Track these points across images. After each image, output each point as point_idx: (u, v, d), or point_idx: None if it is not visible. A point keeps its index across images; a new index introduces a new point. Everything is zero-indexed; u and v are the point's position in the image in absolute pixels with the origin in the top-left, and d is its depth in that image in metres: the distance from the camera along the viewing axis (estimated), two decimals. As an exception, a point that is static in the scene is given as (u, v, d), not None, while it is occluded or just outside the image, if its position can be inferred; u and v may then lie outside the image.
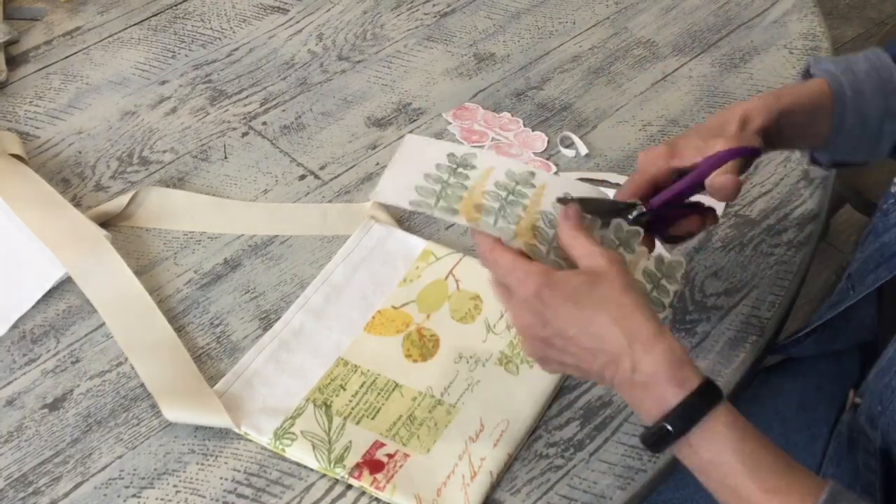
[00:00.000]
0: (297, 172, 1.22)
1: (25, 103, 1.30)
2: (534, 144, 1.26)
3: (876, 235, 0.94)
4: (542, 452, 0.97)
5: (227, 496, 0.94)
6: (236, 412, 0.98)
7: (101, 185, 1.20)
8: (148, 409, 1.00)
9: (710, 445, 0.78)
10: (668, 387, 0.78)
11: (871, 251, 0.94)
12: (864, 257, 0.95)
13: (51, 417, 0.99)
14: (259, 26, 1.41)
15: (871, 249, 0.94)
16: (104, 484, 0.94)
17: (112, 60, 1.36)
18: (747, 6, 1.45)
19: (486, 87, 1.33)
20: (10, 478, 0.95)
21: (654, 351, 0.78)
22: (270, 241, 1.15)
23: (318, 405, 0.98)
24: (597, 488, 0.95)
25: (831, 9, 2.82)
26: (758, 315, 1.09)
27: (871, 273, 0.93)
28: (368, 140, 1.26)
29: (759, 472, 0.77)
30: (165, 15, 1.42)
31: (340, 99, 1.31)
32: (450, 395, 1.00)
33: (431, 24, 1.42)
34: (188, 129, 1.27)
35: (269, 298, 1.09)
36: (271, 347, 1.03)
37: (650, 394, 0.79)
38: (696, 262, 1.13)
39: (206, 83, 1.33)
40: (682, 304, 1.09)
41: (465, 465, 0.94)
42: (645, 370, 0.78)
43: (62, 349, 1.04)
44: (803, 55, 1.38)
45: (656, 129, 1.28)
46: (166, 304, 1.08)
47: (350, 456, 0.95)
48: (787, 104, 0.95)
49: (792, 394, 1.11)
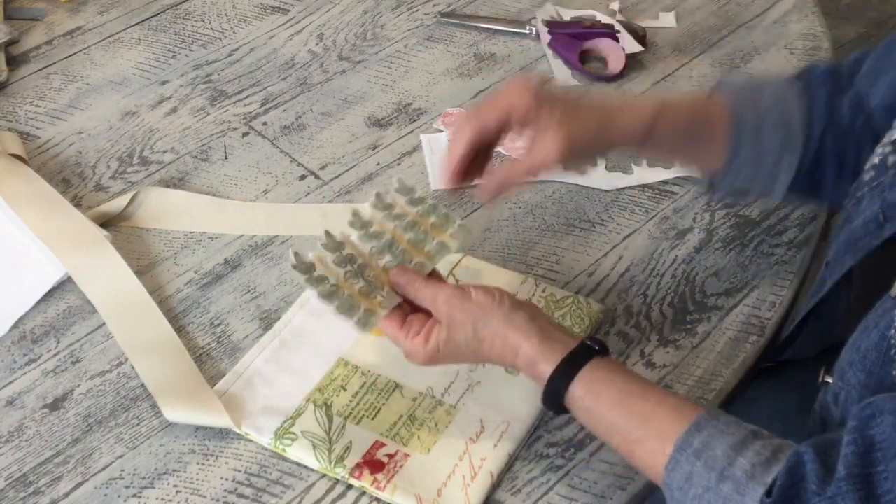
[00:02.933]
0: (297, 172, 1.22)
1: (26, 103, 1.30)
2: None
3: (848, 222, 0.94)
4: (543, 452, 0.97)
5: (228, 496, 0.94)
6: (237, 412, 0.98)
7: (101, 185, 1.20)
8: (148, 409, 1.00)
9: (578, 416, 0.89)
10: (535, 381, 0.90)
11: (843, 238, 0.95)
12: (838, 245, 0.96)
13: (51, 417, 0.99)
14: (259, 26, 1.41)
15: (843, 236, 0.94)
16: (104, 484, 0.94)
17: (112, 60, 1.36)
18: (747, 6, 1.45)
19: (487, 87, 1.33)
20: (10, 478, 0.95)
21: (519, 359, 0.91)
22: (271, 241, 1.15)
23: (319, 405, 0.98)
24: (597, 488, 0.95)
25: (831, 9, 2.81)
26: (758, 315, 1.09)
27: (841, 259, 0.94)
28: (369, 140, 1.26)
29: (618, 429, 0.87)
30: (166, 15, 1.42)
31: (341, 99, 1.31)
32: (450, 396, 1.00)
33: (431, 24, 1.42)
34: (188, 129, 1.27)
35: (270, 298, 1.09)
36: (272, 347, 1.03)
37: (538, 368, 0.90)
38: (697, 262, 1.13)
39: (206, 83, 1.33)
40: (682, 304, 1.09)
41: (466, 465, 0.94)
42: (521, 370, 0.92)
43: (62, 349, 1.04)
44: (804, 55, 1.38)
45: (656, 129, 1.28)
46: (167, 304, 1.08)
47: (350, 456, 0.95)
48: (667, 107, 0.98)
49: (792, 394, 1.11)
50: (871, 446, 0.73)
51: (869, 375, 0.82)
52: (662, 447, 0.83)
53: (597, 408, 0.87)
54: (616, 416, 0.87)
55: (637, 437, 0.85)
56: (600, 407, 0.87)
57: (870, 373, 0.82)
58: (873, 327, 0.83)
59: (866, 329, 0.85)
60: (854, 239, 0.91)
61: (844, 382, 0.86)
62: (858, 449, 0.73)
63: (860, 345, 0.85)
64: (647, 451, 0.85)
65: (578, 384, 0.88)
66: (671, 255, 1.14)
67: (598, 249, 1.14)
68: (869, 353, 0.83)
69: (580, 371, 0.88)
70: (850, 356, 0.86)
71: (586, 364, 0.89)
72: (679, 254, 1.14)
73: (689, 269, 1.13)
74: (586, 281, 1.11)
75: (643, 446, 0.85)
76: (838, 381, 0.87)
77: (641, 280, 1.11)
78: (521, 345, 0.90)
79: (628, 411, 0.87)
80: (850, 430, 0.74)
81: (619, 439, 0.87)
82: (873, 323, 0.84)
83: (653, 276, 1.12)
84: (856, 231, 0.91)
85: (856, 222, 0.92)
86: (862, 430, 0.74)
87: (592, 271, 1.12)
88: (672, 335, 1.07)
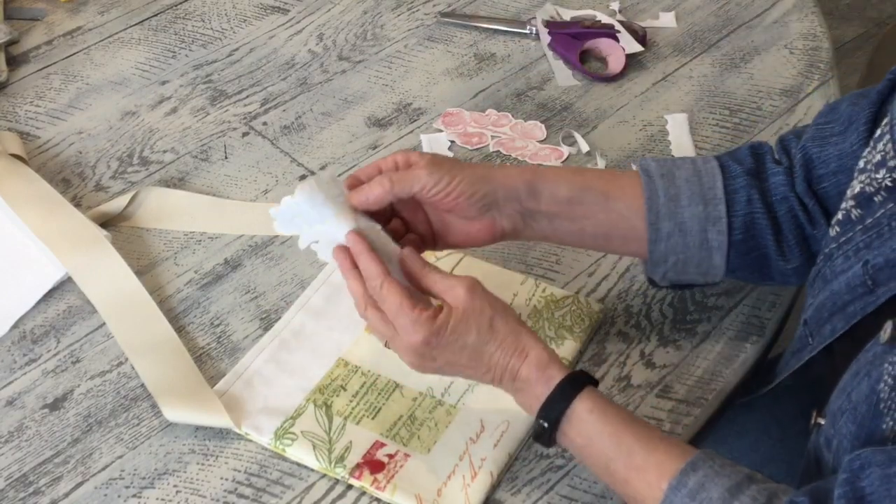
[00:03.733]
0: (297, 172, 1.22)
1: (26, 103, 1.30)
2: (534, 133, 1.26)
3: (824, 281, 0.92)
4: (543, 452, 0.97)
5: (228, 496, 0.94)
6: (237, 412, 0.98)
7: (101, 185, 1.20)
8: (148, 409, 1.00)
9: (580, 431, 0.87)
10: (538, 387, 0.89)
11: (822, 298, 0.93)
12: (817, 304, 0.94)
13: (51, 417, 0.99)
14: (259, 26, 1.41)
15: (823, 297, 0.93)
16: (105, 484, 0.94)
17: (112, 60, 1.36)
18: (747, 6, 1.45)
19: (487, 87, 1.33)
20: (10, 478, 0.95)
21: (527, 360, 0.89)
22: (271, 241, 1.15)
23: (319, 405, 0.98)
24: (597, 488, 0.95)
25: (831, 9, 2.82)
26: (758, 315, 1.09)
27: (826, 322, 0.92)
28: (369, 140, 1.26)
29: (622, 450, 0.86)
30: (166, 15, 1.42)
31: (341, 99, 1.31)
32: (450, 396, 1.00)
33: (431, 24, 1.42)
34: (188, 129, 1.27)
35: (270, 298, 1.09)
36: (272, 348, 1.03)
37: (528, 395, 0.90)
38: (697, 263, 1.13)
39: (206, 83, 1.33)
40: (682, 304, 1.09)
41: (466, 465, 0.94)
42: (521, 377, 0.89)
43: (62, 349, 1.04)
44: (804, 55, 1.38)
45: (656, 129, 1.28)
46: (167, 304, 1.08)
47: (350, 456, 0.95)
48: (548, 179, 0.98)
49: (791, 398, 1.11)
50: (862, 498, 0.74)
51: (860, 428, 0.82)
52: (658, 481, 0.83)
53: (605, 423, 0.87)
54: (624, 435, 0.86)
55: (638, 463, 0.85)
56: (609, 422, 0.87)
57: (860, 425, 0.82)
58: (864, 375, 0.83)
59: (857, 375, 0.84)
60: (840, 304, 0.90)
61: (836, 430, 0.85)
62: (849, 500, 0.75)
63: (850, 392, 0.84)
64: (644, 482, 0.84)
65: (590, 394, 0.88)
66: (671, 255, 1.14)
67: (598, 249, 1.14)
68: (859, 405, 0.82)
69: (591, 384, 0.89)
70: (840, 403, 0.85)
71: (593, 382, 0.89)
72: (679, 254, 1.14)
73: (689, 269, 1.13)
74: (586, 281, 1.11)
75: (642, 476, 0.85)
76: (830, 428, 0.86)
77: (641, 280, 1.11)
78: (533, 347, 0.89)
79: (636, 433, 0.86)
80: (842, 482, 0.76)
81: (620, 463, 0.86)
82: (864, 370, 0.83)
83: (653, 276, 1.12)
84: (840, 295, 0.90)
85: (836, 284, 0.90)
86: (853, 483, 0.75)
87: (592, 271, 1.12)
88: (672, 335, 1.07)
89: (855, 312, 0.88)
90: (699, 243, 0.99)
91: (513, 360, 0.89)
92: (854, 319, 0.88)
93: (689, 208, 0.98)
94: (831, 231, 0.93)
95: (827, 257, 0.92)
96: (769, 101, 1.32)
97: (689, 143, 1.26)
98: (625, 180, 1.00)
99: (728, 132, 1.28)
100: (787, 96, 1.32)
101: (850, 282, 0.89)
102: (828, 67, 1.36)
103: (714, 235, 0.99)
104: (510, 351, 0.89)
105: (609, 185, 0.99)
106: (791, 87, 1.34)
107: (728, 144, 1.26)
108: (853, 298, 0.88)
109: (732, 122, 1.29)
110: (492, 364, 0.90)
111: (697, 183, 0.99)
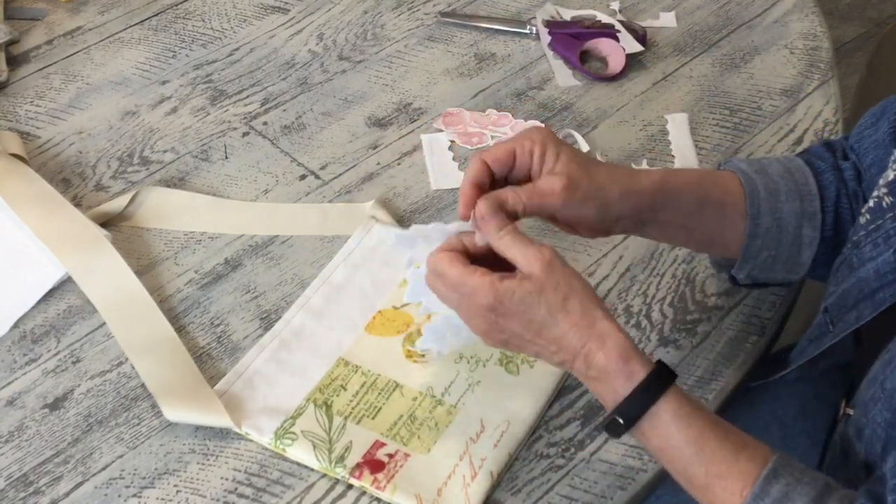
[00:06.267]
0: (297, 172, 1.22)
1: (26, 103, 1.30)
2: None
3: (850, 269, 0.92)
4: (543, 452, 0.97)
5: (228, 496, 0.94)
6: (237, 412, 0.98)
7: (101, 185, 1.20)
8: (148, 408, 1.00)
9: (658, 433, 0.84)
10: (617, 380, 0.84)
11: (847, 286, 0.92)
12: (841, 291, 0.93)
13: (51, 417, 0.99)
14: (259, 26, 1.41)
15: (848, 284, 0.93)
16: (105, 484, 0.94)
17: (112, 60, 1.36)
18: (748, 6, 1.45)
19: (487, 87, 1.33)
20: (10, 478, 0.95)
21: (605, 348, 0.84)
22: (271, 241, 1.15)
23: (319, 405, 0.99)
24: (597, 488, 0.95)
25: (831, 9, 2.82)
26: (758, 315, 1.09)
27: (851, 310, 0.91)
28: (369, 140, 1.26)
29: (703, 457, 0.82)
30: (166, 15, 1.42)
31: (341, 99, 1.31)
32: (450, 396, 1.00)
33: (431, 23, 1.42)
34: (189, 128, 1.27)
35: (270, 298, 1.09)
36: (272, 347, 1.03)
37: (604, 386, 0.85)
38: (697, 262, 1.13)
39: (206, 83, 1.33)
40: (682, 304, 1.09)
41: (466, 465, 0.94)
42: (597, 366, 0.84)
43: (63, 349, 1.04)
44: (804, 55, 1.38)
45: (656, 128, 1.28)
46: (167, 304, 1.08)
47: (351, 456, 0.95)
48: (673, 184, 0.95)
49: (791, 399, 1.11)
50: None
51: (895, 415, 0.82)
52: (741, 490, 0.81)
53: (688, 428, 0.83)
54: (707, 441, 0.83)
55: (720, 471, 0.82)
56: (692, 426, 0.83)
57: None
58: None
59: (890, 364, 0.83)
60: (868, 291, 0.90)
61: (868, 419, 0.85)
62: None
63: (883, 380, 0.84)
64: (726, 491, 0.82)
65: (675, 397, 0.84)
66: (671, 255, 1.14)
67: (598, 249, 1.14)
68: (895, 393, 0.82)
69: (676, 381, 0.85)
70: (873, 391, 0.85)
71: (674, 376, 0.85)
72: (679, 253, 1.14)
73: (690, 268, 1.13)
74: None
75: (724, 484, 0.82)
76: (861, 417, 0.86)
77: (641, 280, 1.11)
78: (611, 334, 0.84)
79: (719, 438, 0.83)
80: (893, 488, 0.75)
81: (700, 469, 0.83)
82: None
83: (653, 276, 1.12)
84: (868, 281, 0.90)
85: (864, 271, 0.90)
86: None
87: (592, 271, 1.12)
88: (672, 335, 1.07)
89: (884, 299, 0.88)
90: (792, 240, 0.99)
91: (588, 345, 0.84)
92: (883, 306, 0.88)
93: (787, 203, 0.98)
94: (861, 219, 0.93)
95: (854, 245, 0.93)
96: (769, 100, 1.32)
97: (689, 142, 1.26)
98: (720, 175, 0.99)
99: (728, 132, 1.28)
100: (787, 96, 1.32)
101: (879, 269, 0.89)
102: (828, 67, 1.36)
103: (808, 231, 0.99)
104: (585, 334, 0.84)
105: (710, 179, 0.98)
106: (791, 87, 1.34)
107: (728, 144, 1.26)
108: (882, 285, 0.88)
109: (732, 121, 1.29)
110: (563, 345, 0.85)
111: (791, 179, 0.99)
